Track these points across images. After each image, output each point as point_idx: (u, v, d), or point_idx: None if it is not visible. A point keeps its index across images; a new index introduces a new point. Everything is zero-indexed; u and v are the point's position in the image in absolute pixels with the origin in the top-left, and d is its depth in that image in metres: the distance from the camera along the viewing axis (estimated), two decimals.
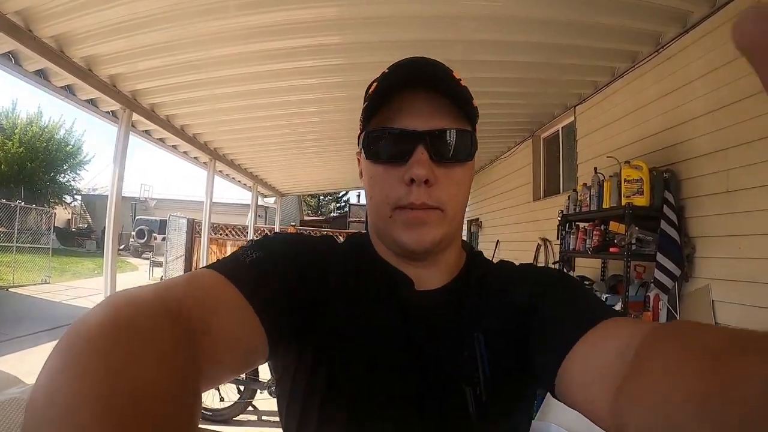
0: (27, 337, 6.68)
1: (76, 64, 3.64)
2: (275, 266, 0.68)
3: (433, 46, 3.65)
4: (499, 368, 0.70)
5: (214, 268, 0.62)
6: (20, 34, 3.10)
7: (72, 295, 10.84)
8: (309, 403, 0.69)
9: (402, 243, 0.71)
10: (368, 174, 0.75)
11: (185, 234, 12.46)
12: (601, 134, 4.58)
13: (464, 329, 0.72)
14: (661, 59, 3.67)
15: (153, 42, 3.49)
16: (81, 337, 0.38)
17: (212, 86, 4.35)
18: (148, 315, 0.43)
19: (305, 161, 8.07)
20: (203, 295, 0.56)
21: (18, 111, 24.33)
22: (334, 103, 5.02)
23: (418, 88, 0.69)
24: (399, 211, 0.70)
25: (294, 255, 0.73)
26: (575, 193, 4.31)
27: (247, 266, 0.65)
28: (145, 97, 4.53)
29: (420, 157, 0.67)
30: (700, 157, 3.25)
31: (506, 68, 4.14)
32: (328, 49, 3.71)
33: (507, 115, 5.58)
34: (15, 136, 22.47)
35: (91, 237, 24.85)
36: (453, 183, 0.71)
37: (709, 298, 3.15)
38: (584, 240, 4.11)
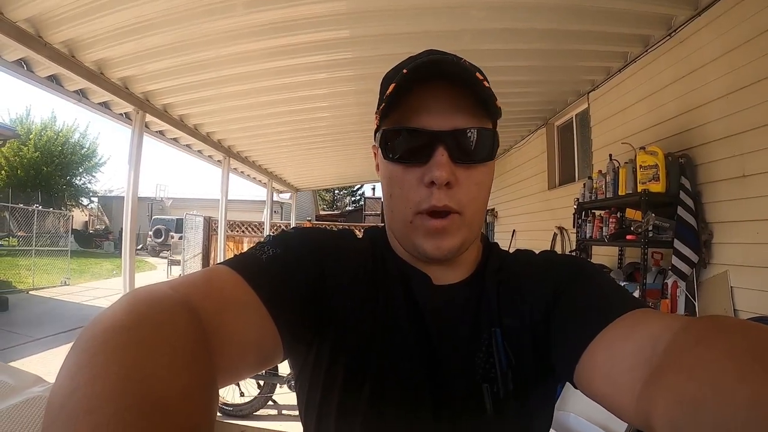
0: (48, 339, 6.77)
1: (87, 67, 3.68)
2: (292, 263, 0.67)
3: (443, 36, 3.63)
4: (517, 364, 0.69)
5: (230, 264, 0.63)
6: (31, 41, 3.14)
7: (91, 296, 10.98)
8: (327, 399, 0.69)
9: (422, 250, 0.69)
10: (386, 173, 0.72)
11: (202, 232, 12.55)
12: (616, 120, 4.52)
13: (481, 325, 0.71)
14: (674, 43, 3.60)
15: (163, 43, 3.51)
16: (98, 335, 0.39)
17: (223, 84, 4.37)
18: (164, 310, 0.44)
19: (319, 156, 8.09)
20: (217, 293, 0.56)
21: (32, 117, 24.86)
22: (346, 97, 5.02)
23: (438, 83, 0.65)
24: (420, 217, 0.67)
25: (311, 251, 0.72)
26: (590, 181, 4.26)
27: (263, 264, 0.65)
28: (158, 97, 4.57)
29: (440, 159, 0.64)
30: (716, 141, 3.19)
31: (517, 56, 4.09)
32: (338, 43, 3.70)
33: (520, 103, 5.53)
34: (30, 141, 22.82)
35: (109, 238, 25.19)
36: (474, 184, 0.68)
37: (728, 285, 3.10)
38: (601, 228, 4.07)
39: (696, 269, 3.27)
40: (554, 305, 0.69)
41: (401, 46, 3.69)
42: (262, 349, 0.59)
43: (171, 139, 5.81)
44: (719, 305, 3.16)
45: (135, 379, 0.35)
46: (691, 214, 3.20)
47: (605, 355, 0.56)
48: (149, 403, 0.33)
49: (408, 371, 0.69)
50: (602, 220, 4.07)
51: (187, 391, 0.37)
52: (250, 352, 0.57)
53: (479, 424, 0.67)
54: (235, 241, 12.37)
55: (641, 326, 0.54)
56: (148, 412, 0.33)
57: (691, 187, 3.26)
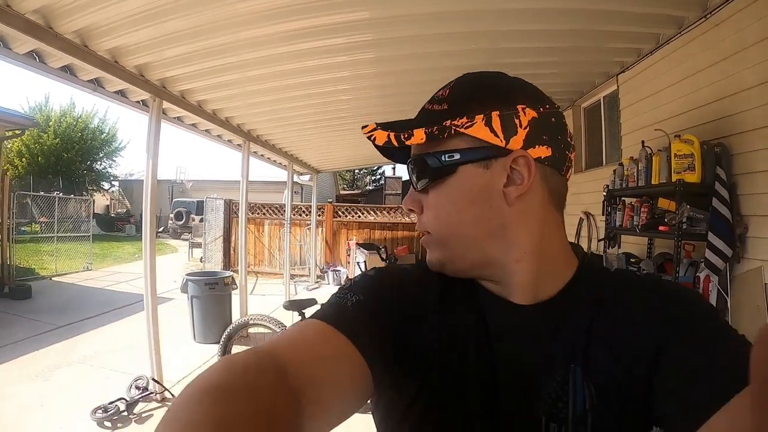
0: (73, 326, 6.87)
1: (101, 57, 3.63)
2: (377, 308, 0.69)
3: (467, 17, 3.51)
4: (600, 408, 0.62)
5: (319, 317, 0.65)
6: (41, 32, 3.09)
7: (114, 280, 11.13)
8: (400, 425, 0.71)
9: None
10: None
11: (222, 215, 12.61)
12: (647, 104, 4.33)
13: (557, 356, 0.65)
14: (709, 26, 3.41)
15: (179, 29, 3.43)
16: (194, 394, 0.44)
17: (242, 69, 4.30)
18: (256, 372, 0.49)
19: (339, 138, 8.05)
20: (309, 346, 0.60)
21: (51, 103, 25.30)
22: (366, 80, 4.93)
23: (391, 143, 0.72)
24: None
25: (392, 295, 0.73)
26: (621, 167, 4.11)
27: (350, 311, 0.67)
28: (175, 84, 4.52)
29: (409, 191, 0.77)
30: (754, 131, 3.01)
31: (545, 37, 3.92)
32: (358, 25, 3.58)
33: (546, 84, 5.28)
34: (50, 128, 23.22)
35: (130, 221, 25.51)
36: (430, 207, 0.74)
37: (762, 281, 2.97)
38: (631, 216, 3.93)
39: (729, 263, 3.14)
40: (664, 354, 0.61)
41: (423, 27, 3.61)
42: (355, 392, 0.61)
43: (189, 125, 5.79)
44: (752, 302, 3.04)
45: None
46: (726, 207, 3.05)
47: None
48: None
49: (465, 395, 0.67)
50: (633, 208, 3.92)
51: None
52: (345, 397, 0.59)
53: None
54: (256, 223, 12.40)
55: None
56: None
57: (727, 177, 3.10)
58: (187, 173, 23.86)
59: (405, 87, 5.18)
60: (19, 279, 9.58)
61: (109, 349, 5.84)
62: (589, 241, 5.68)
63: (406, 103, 5.65)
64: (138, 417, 4.01)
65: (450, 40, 3.89)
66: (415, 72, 4.65)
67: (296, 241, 12.28)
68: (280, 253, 12.26)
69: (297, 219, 12.24)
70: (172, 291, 8.83)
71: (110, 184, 28.52)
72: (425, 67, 4.48)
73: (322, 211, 12.54)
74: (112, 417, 3.88)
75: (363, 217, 12.65)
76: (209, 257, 12.71)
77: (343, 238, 12.56)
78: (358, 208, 12.95)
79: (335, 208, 12.79)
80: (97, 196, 25.62)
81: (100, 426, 3.82)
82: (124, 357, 5.58)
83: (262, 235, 12.55)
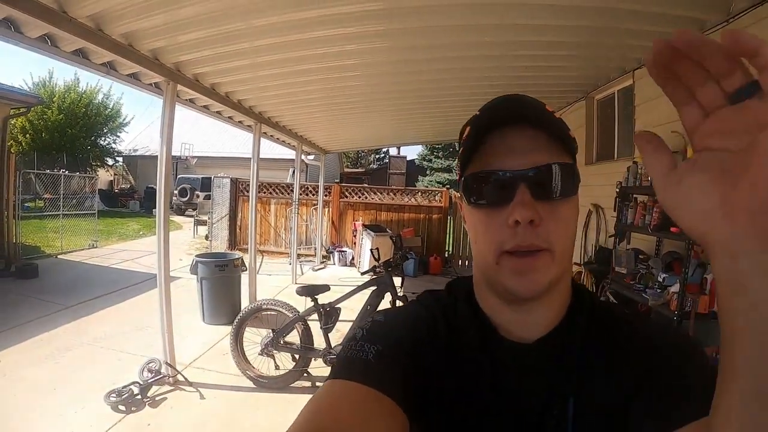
0: (81, 305, 6.90)
1: (115, 41, 3.61)
2: (398, 354, 0.70)
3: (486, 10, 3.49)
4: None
5: (345, 377, 0.65)
6: (55, 17, 3.06)
7: (120, 258, 11.16)
8: None
9: (511, 290, 0.68)
10: (471, 220, 0.73)
11: (228, 193, 12.62)
12: (663, 102, 4.20)
13: (559, 389, 0.69)
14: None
15: (194, 14, 3.41)
16: None
17: (254, 55, 4.30)
18: None
19: (348, 121, 8.10)
20: (354, 414, 0.60)
21: (55, 79, 24.90)
22: (376, 67, 4.93)
23: (512, 125, 0.67)
24: (506, 257, 0.67)
25: (405, 339, 0.74)
26: (635, 165, 4.13)
27: (373, 364, 0.67)
28: (189, 67, 4.52)
29: (522, 198, 0.65)
30: None
31: (561, 32, 3.91)
32: (370, 14, 3.56)
33: (561, 76, 5.36)
34: (54, 104, 22.98)
35: (134, 197, 25.42)
36: (560, 220, 0.68)
37: None
38: (643, 215, 3.96)
39: None
40: (645, 386, 0.66)
41: (436, 18, 3.60)
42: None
43: (201, 106, 5.81)
44: None
45: None
46: None
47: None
48: None
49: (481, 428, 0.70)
50: (645, 207, 3.95)
51: None
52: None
53: None
54: (262, 202, 12.36)
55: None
56: None
57: None
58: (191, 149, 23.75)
59: (416, 76, 5.18)
60: (26, 257, 9.58)
61: (118, 331, 5.89)
62: (598, 234, 5.71)
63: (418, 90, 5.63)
64: (152, 400, 4.08)
65: (462, 31, 3.88)
66: (426, 62, 4.65)
67: (303, 221, 12.30)
68: (286, 233, 12.30)
69: (304, 198, 12.23)
70: (178, 270, 8.84)
71: (114, 160, 28.41)
72: (436, 57, 4.48)
73: (329, 191, 12.53)
74: (126, 401, 3.95)
75: (369, 198, 12.66)
76: (215, 235, 12.76)
77: (350, 218, 12.56)
78: (365, 189, 12.92)
79: (342, 189, 12.78)
80: (101, 172, 25.54)
81: (115, 410, 3.87)
82: (134, 338, 5.65)
83: (268, 213, 12.54)
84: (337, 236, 12.53)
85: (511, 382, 0.71)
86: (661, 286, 3.64)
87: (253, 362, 4.66)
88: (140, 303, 7.24)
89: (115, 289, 8.00)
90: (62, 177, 12.86)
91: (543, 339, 0.72)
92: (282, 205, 12.49)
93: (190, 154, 23.67)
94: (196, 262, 6.27)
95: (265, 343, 4.53)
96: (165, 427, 3.73)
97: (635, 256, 4.29)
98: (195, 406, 4.08)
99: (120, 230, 16.13)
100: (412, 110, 7.02)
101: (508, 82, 5.29)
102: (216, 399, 4.23)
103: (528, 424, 0.69)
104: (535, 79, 5.33)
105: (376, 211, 12.44)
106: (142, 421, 3.80)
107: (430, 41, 4.08)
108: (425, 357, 0.72)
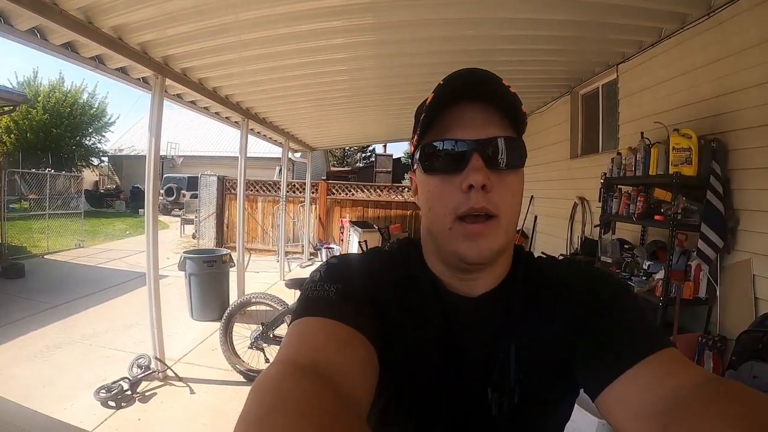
0: (69, 304, 6.84)
1: (105, 34, 3.60)
2: (358, 291, 0.75)
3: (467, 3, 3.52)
4: (528, 381, 0.75)
5: (311, 314, 0.69)
6: (45, 9, 3.05)
7: (107, 257, 11.07)
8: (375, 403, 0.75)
9: (461, 255, 0.73)
10: (425, 187, 0.77)
11: (215, 191, 12.55)
12: (645, 96, 4.39)
13: (501, 337, 0.77)
14: (712, 24, 3.47)
15: (183, 7, 3.42)
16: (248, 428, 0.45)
17: (243, 49, 4.30)
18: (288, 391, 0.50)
19: (335, 117, 8.10)
20: (327, 345, 0.64)
21: (40, 78, 24.54)
22: (363, 61, 4.95)
23: (468, 100, 0.72)
24: (459, 223, 0.72)
25: (360, 278, 0.79)
26: (619, 156, 4.18)
27: (336, 301, 0.72)
28: (177, 62, 4.50)
29: (476, 164, 0.70)
30: (750, 129, 3.12)
31: (546, 26, 3.95)
32: (357, 8, 3.59)
33: (545, 71, 5.41)
34: (39, 103, 22.64)
35: (120, 197, 25.18)
36: (508, 189, 0.73)
37: (750, 273, 3.12)
38: (628, 205, 4.03)
39: (720, 254, 3.28)
40: (583, 329, 0.74)
41: (423, 11, 3.63)
42: (374, 370, 0.67)
43: (189, 102, 5.78)
44: (740, 292, 3.19)
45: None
46: (720, 200, 3.17)
47: (631, 391, 0.62)
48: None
49: (430, 377, 0.76)
50: (630, 197, 4.02)
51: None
52: (367, 377, 0.64)
53: (484, 428, 0.76)
54: (249, 200, 12.30)
55: (669, 373, 0.61)
56: None
57: (722, 172, 3.22)
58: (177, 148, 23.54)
59: (403, 69, 5.20)
60: (12, 258, 9.46)
61: (107, 328, 5.85)
62: (584, 226, 5.79)
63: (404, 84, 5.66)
64: (141, 396, 4.06)
65: (449, 25, 3.91)
66: (414, 55, 4.67)
67: (290, 218, 12.28)
68: (273, 230, 12.30)
69: (291, 196, 12.20)
70: (166, 268, 8.73)
71: (99, 159, 28.06)
72: (423, 51, 4.50)
73: (316, 188, 12.52)
74: (116, 396, 3.92)
75: (356, 195, 12.68)
76: (202, 234, 12.69)
77: (337, 215, 12.59)
78: (352, 186, 12.94)
79: (329, 186, 12.78)
80: (86, 172, 25.17)
81: (105, 406, 3.85)
82: (123, 335, 5.62)
83: (255, 211, 12.51)
84: (325, 233, 12.54)
85: (458, 332, 0.77)
86: (646, 274, 3.71)
87: (243, 356, 4.66)
88: (128, 301, 7.20)
89: (103, 288, 7.94)
90: (48, 177, 12.70)
91: (485, 294, 0.80)
92: (269, 203, 12.47)
93: (177, 153, 23.46)
94: (185, 258, 6.24)
95: (255, 337, 4.52)
96: (155, 422, 3.72)
97: (620, 245, 4.37)
98: (185, 401, 4.07)
99: (106, 230, 15.98)
100: (397, 106, 7.04)
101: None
102: (206, 393, 4.23)
103: (476, 370, 0.76)
104: (520, 74, 5.36)
105: (363, 208, 12.48)
106: (132, 415, 3.78)
107: (414, 35, 4.10)
108: (381, 295, 0.78)
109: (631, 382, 0.63)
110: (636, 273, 3.84)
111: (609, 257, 4.40)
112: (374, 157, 24.91)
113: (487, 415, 0.75)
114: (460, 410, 0.76)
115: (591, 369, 0.70)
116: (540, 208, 7.44)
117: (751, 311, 3.06)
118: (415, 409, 0.77)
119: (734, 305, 3.23)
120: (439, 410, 0.77)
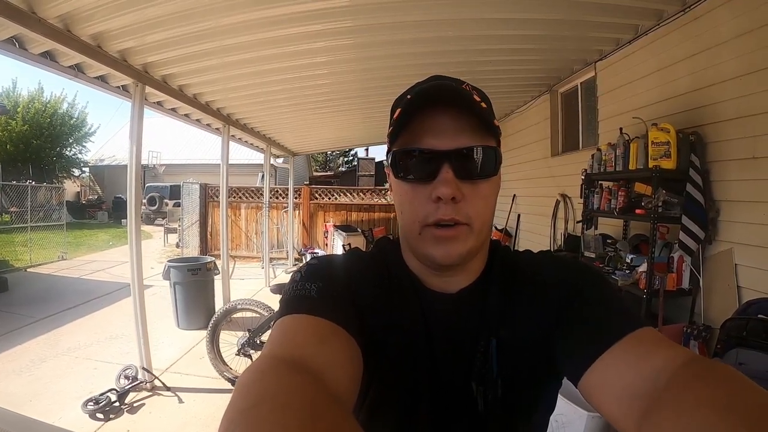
0: (54, 317, 6.74)
1: (84, 42, 3.55)
2: (339, 290, 0.76)
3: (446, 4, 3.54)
4: (514, 370, 0.77)
5: (293, 312, 0.70)
6: (24, 17, 3.00)
7: (91, 269, 10.91)
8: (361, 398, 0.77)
9: (431, 258, 0.75)
10: (397, 191, 0.78)
11: (198, 199, 12.45)
12: (624, 92, 4.47)
13: (481, 332, 0.78)
14: (688, 19, 3.54)
15: (162, 13, 3.39)
16: (234, 417, 0.46)
17: (223, 54, 4.27)
18: (269, 384, 0.51)
19: (317, 121, 8.08)
20: (310, 339, 0.64)
21: (19, 89, 24.09)
22: (344, 65, 4.94)
23: (442, 107, 0.72)
24: (427, 228, 0.73)
25: (344, 280, 0.80)
26: (599, 152, 4.24)
27: (317, 299, 0.72)
28: (157, 69, 4.46)
29: (445, 176, 0.70)
30: (728, 121, 3.19)
31: (524, 25, 3.99)
32: (337, 12, 3.60)
33: (524, 70, 5.45)
34: (18, 114, 22.23)
35: (102, 208, 24.89)
36: (479, 198, 0.73)
37: (732, 262, 3.18)
38: (609, 200, 4.08)
39: (702, 245, 3.34)
40: (560, 319, 0.75)
41: (401, 14, 3.65)
42: (358, 363, 0.67)
43: (170, 109, 5.72)
44: (723, 281, 3.25)
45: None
46: (700, 192, 3.23)
47: (611, 373, 0.63)
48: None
49: (410, 374, 0.77)
50: (611, 192, 4.08)
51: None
52: (350, 370, 0.64)
53: (472, 423, 0.77)
54: (232, 207, 12.21)
55: (648, 353, 0.62)
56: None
57: (701, 164, 3.28)
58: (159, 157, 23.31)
59: (383, 72, 5.20)
60: None
61: (93, 340, 5.77)
62: (566, 223, 5.84)
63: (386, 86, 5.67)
64: (129, 407, 4.01)
65: (428, 26, 3.93)
66: (393, 57, 4.68)
67: (273, 224, 12.22)
68: (257, 237, 12.21)
69: (274, 202, 12.14)
70: (150, 278, 8.70)
71: (80, 170, 27.65)
72: (403, 52, 4.51)
73: (299, 193, 12.48)
74: (104, 408, 3.87)
75: (339, 199, 12.65)
76: (186, 242, 12.57)
77: (320, 220, 12.55)
78: (335, 190, 12.91)
79: (312, 191, 12.75)
80: (68, 183, 24.79)
81: (93, 418, 3.80)
82: (108, 347, 5.54)
83: (239, 218, 12.42)
84: (309, 238, 12.50)
85: (439, 328, 0.79)
86: (630, 267, 3.76)
87: (231, 363, 4.63)
88: (113, 312, 7.10)
89: (87, 300, 7.82)
90: (29, 189, 12.48)
91: (463, 290, 0.82)
92: (252, 209, 12.40)
93: (158, 162, 23.24)
94: (169, 267, 6.18)
95: (242, 344, 4.49)
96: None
97: (603, 240, 4.42)
98: (174, 410, 4.03)
99: (89, 241, 15.77)
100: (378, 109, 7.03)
101: (472, 77, 5.24)
102: (195, 402, 4.19)
103: (458, 366, 0.78)
104: (500, 74, 5.40)
105: (347, 212, 12.47)
106: (121, 427, 3.73)
107: (394, 37, 4.12)
108: (362, 293, 0.79)
109: (610, 364, 0.64)
110: (619, 267, 3.88)
111: (592, 252, 4.45)
112: (357, 160, 24.91)
113: (474, 408, 0.76)
114: (446, 405, 0.78)
115: (570, 356, 0.71)
116: (523, 207, 7.49)
117: (734, 299, 3.11)
118: (401, 406, 0.78)
119: (717, 294, 3.29)
120: (424, 406, 0.77)
